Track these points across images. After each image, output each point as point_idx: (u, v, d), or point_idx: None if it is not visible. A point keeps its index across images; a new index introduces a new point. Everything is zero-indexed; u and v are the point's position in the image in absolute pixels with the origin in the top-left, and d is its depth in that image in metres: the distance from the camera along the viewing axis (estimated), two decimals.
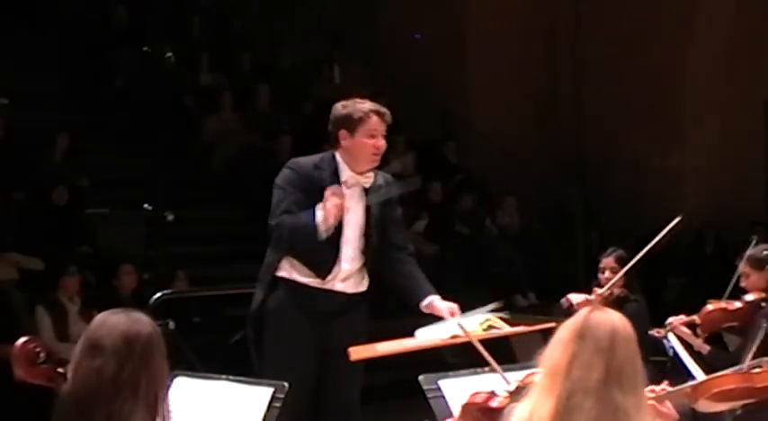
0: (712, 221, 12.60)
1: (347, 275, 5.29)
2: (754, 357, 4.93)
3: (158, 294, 7.46)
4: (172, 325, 6.79)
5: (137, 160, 10.49)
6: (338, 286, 5.26)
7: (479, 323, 5.11)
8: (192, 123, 11.50)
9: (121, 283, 8.63)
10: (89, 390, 2.95)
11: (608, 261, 6.90)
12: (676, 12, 12.89)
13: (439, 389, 4.12)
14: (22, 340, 3.27)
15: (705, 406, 3.85)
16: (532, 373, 3.41)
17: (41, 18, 12.23)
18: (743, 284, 6.22)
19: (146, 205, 8.02)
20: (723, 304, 6.20)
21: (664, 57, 12.86)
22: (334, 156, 5.28)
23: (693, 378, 5.70)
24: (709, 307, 6.23)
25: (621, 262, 6.80)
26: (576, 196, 12.18)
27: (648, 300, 7.01)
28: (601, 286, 6.79)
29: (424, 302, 5.44)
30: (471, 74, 13.60)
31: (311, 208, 5.07)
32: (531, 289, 11.63)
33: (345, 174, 5.26)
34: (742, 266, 6.20)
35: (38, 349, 3.26)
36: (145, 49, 8.75)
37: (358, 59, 13.63)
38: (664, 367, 6.73)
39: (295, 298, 5.19)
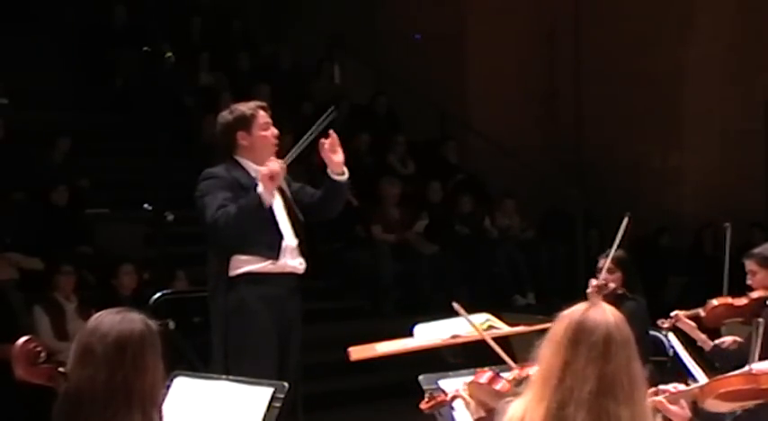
0: (712, 221, 12.59)
1: (292, 250, 5.68)
2: (761, 356, 4.93)
3: (158, 294, 7.46)
4: (172, 325, 6.79)
5: (137, 160, 10.48)
6: (289, 263, 5.64)
7: (479, 323, 5.11)
8: (192, 123, 11.50)
9: (121, 283, 8.64)
10: (83, 398, 2.94)
11: (605, 261, 6.90)
12: (676, 12, 12.89)
13: (439, 389, 4.12)
14: (22, 340, 3.27)
15: (713, 405, 3.85)
16: (529, 366, 3.42)
17: (41, 18, 12.23)
18: (749, 282, 6.20)
19: (146, 205, 8.01)
20: (729, 300, 6.20)
21: (664, 57, 12.85)
22: (235, 160, 5.73)
23: (693, 377, 5.72)
24: (715, 302, 6.23)
25: (619, 262, 6.81)
26: (576, 196, 12.18)
27: (648, 300, 7.01)
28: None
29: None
30: (471, 74, 13.59)
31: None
32: (531, 289, 11.64)
33: (252, 170, 5.69)
34: (749, 264, 6.19)
35: (38, 348, 3.26)
36: (145, 49, 8.73)
37: (358, 59, 13.63)
38: (664, 367, 6.74)
39: (254, 289, 5.54)
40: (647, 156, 13.15)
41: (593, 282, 6.67)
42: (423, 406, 4.02)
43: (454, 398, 3.90)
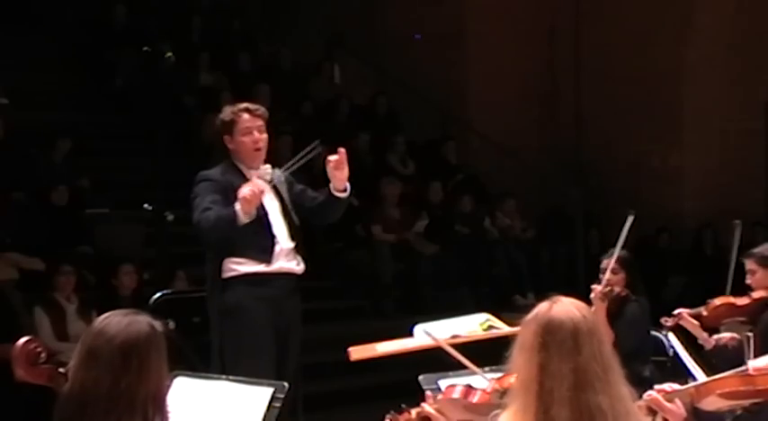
0: (712, 221, 12.60)
1: (287, 253, 5.73)
2: (757, 355, 4.93)
3: (158, 294, 7.46)
4: (172, 325, 6.79)
5: (137, 160, 10.48)
6: (284, 265, 5.68)
7: (479, 323, 5.11)
8: (191, 123, 11.50)
9: (121, 283, 8.63)
10: (85, 401, 2.92)
11: (609, 262, 6.86)
12: (676, 12, 12.89)
13: (439, 389, 4.11)
14: (22, 340, 3.27)
15: (709, 404, 3.85)
16: (507, 376, 3.42)
17: (41, 18, 12.23)
18: (748, 281, 6.20)
19: (146, 205, 8.02)
20: (731, 299, 6.21)
21: (663, 57, 12.85)
22: (231, 162, 5.79)
23: (693, 377, 5.72)
24: (717, 301, 6.23)
25: (623, 263, 6.77)
26: (576, 196, 12.18)
27: (649, 300, 7.00)
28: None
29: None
30: (471, 74, 13.59)
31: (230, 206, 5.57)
32: (531, 289, 11.64)
33: (248, 173, 5.75)
34: (748, 263, 6.19)
35: (39, 349, 3.26)
36: (145, 49, 8.74)
37: (358, 59, 13.63)
38: (664, 367, 6.74)
39: (249, 290, 5.59)
40: (647, 156, 13.15)
41: (597, 287, 6.63)
42: None
43: (420, 414, 3.88)
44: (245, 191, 5.49)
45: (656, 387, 3.65)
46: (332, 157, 5.70)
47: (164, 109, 9.27)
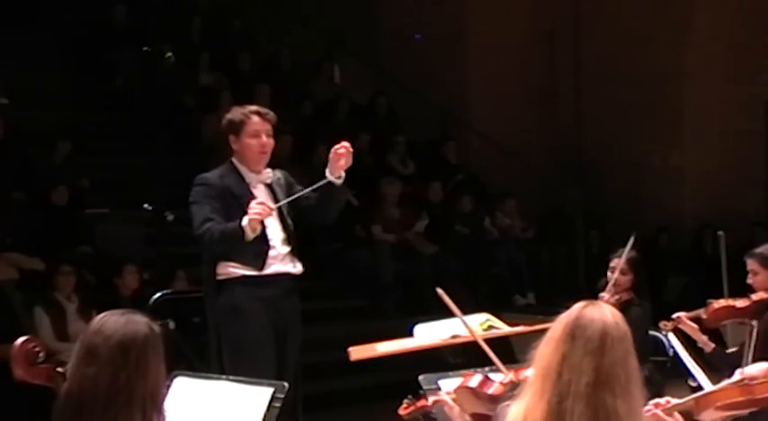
0: (712, 221, 12.59)
1: (282, 258, 5.70)
2: (755, 358, 4.93)
3: (158, 294, 7.47)
4: (172, 325, 6.80)
5: (137, 160, 10.48)
6: (279, 268, 5.67)
7: (479, 323, 5.11)
8: (191, 123, 11.50)
9: (124, 283, 8.63)
10: (85, 398, 2.93)
11: (619, 261, 6.84)
12: (676, 12, 12.89)
13: (439, 389, 4.11)
14: (21, 340, 3.27)
15: (708, 416, 3.85)
16: (523, 368, 3.41)
17: (41, 18, 12.23)
18: (749, 281, 6.17)
19: (146, 205, 8.03)
20: (730, 302, 6.18)
21: (664, 57, 12.85)
22: (232, 163, 5.75)
23: (693, 377, 5.72)
24: (716, 304, 6.21)
25: (632, 263, 6.74)
26: (576, 196, 12.18)
27: (650, 300, 6.99)
28: (606, 286, 6.74)
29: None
30: (471, 74, 13.59)
31: (227, 214, 5.54)
32: (531, 289, 11.64)
33: (248, 176, 5.73)
34: (750, 263, 6.16)
35: (37, 349, 3.26)
36: (145, 49, 8.76)
37: (358, 59, 13.63)
38: (664, 367, 6.74)
39: (247, 290, 5.59)
40: (647, 156, 13.15)
41: (605, 296, 6.60)
42: (401, 411, 3.98)
43: (436, 403, 3.88)
44: (257, 211, 5.45)
45: (653, 401, 3.63)
46: (343, 145, 5.64)
47: (164, 109, 9.29)
